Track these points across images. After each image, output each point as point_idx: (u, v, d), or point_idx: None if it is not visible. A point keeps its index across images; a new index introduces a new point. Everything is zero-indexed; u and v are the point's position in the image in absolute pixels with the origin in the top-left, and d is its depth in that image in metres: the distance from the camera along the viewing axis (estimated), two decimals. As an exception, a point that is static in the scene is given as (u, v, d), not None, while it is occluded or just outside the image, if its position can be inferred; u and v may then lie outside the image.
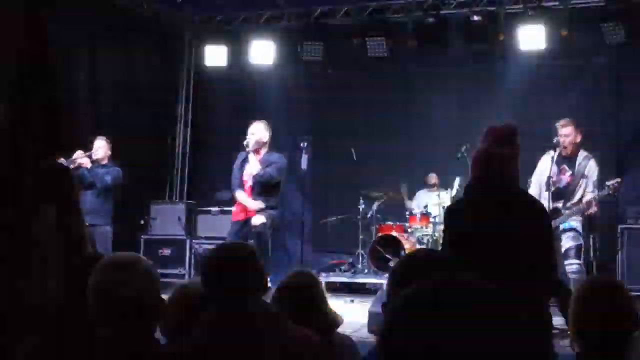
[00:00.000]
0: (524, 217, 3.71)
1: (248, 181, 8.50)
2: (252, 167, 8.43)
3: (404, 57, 11.88)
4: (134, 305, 2.34)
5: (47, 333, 2.98)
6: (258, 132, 8.53)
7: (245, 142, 8.50)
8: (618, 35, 10.35)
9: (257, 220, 8.28)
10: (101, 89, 11.31)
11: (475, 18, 11.20)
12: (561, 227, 7.65)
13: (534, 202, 4.18)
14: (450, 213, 3.83)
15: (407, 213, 10.44)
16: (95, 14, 10.93)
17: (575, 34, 10.87)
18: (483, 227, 3.63)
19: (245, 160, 8.59)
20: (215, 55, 12.48)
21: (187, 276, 10.79)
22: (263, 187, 8.41)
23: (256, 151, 8.53)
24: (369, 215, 10.64)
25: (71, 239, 4.41)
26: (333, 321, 3.62)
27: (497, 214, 3.67)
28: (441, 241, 4.08)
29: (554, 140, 7.75)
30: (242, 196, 8.50)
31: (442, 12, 11.51)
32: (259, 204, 8.36)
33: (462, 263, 3.48)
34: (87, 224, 8.82)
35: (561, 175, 7.76)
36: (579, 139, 7.76)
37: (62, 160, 8.82)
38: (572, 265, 7.58)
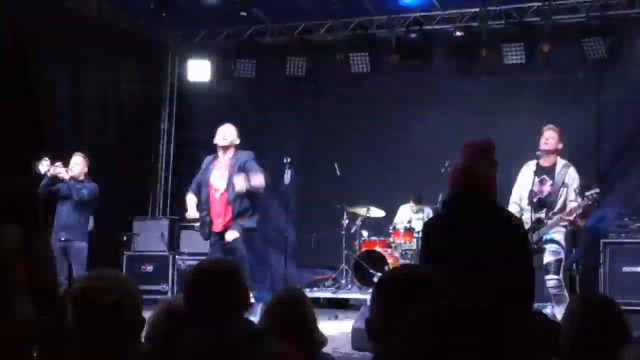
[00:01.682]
0: (501, 233, 3.71)
1: (219, 188, 8.24)
2: (238, 184, 8.17)
3: (387, 72, 11.93)
4: (113, 320, 2.31)
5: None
6: (233, 133, 8.33)
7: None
8: (598, 51, 10.44)
9: (230, 235, 8.14)
10: (84, 103, 11.27)
11: (458, 34, 11.28)
12: (544, 238, 7.67)
13: (511, 218, 4.19)
14: (428, 228, 3.83)
15: (391, 228, 10.45)
16: (79, 28, 10.92)
17: (556, 49, 10.97)
18: (460, 242, 3.63)
19: (211, 164, 8.36)
20: (199, 70, 12.49)
21: (170, 293, 10.72)
22: (244, 200, 8.22)
23: (224, 151, 8.35)
24: (352, 231, 10.64)
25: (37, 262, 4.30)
26: (319, 340, 3.61)
27: (474, 229, 3.67)
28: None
29: (537, 153, 7.80)
30: (191, 200, 8.29)
31: (425, 27, 11.58)
32: (194, 214, 8.23)
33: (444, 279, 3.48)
34: (63, 239, 8.83)
35: (542, 186, 7.79)
36: (560, 147, 7.82)
37: (45, 160, 8.79)
38: (550, 281, 7.60)
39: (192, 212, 8.29)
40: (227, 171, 8.21)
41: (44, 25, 10.45)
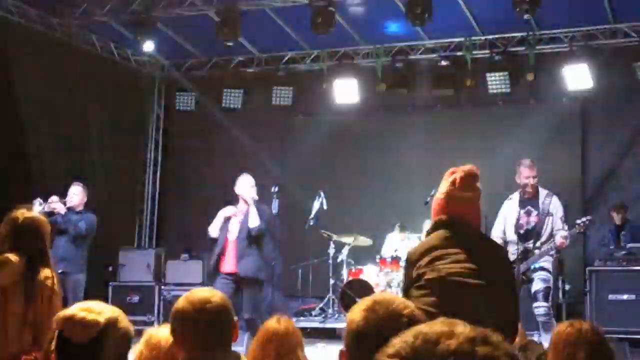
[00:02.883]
0: (487, 259, 3.70)
1: (233, 231, 8.26)
2: (252, 221, 8.18)
3: (372, 101, 11.99)
4: (89, 356, 2.28)
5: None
6: (254, 188, 8.37)
7: (252, 197, 8.28)
8: (582, 80, 10.54)
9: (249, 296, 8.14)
10: (69, 133, 11.25)
11: (443, 63, 11.36)
12: (532, 267, 7.68)
13: (496, 245, 4.19)
14: (412, 257, 3.81)
15: (378, 257, 10.44)
16: (64, 57, 10.93)
17: (540, 78, 11.06)
18: (445, 268, 3.62)
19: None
20: (185, 100, 12.50)
21: (156, 323, 10.64)
22: (254, 239, 8.23)
23: (245, 203, 8.36)
24: (339, 260, 10.61)
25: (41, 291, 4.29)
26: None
27: (459, 254, 3.67)
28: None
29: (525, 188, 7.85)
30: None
31: (410, 57, 11.67)
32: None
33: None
34: (60, 271, 8.73)
35: (528, 218, 7.81)
36: (537, 179, 7.90)
37: (37, 202, 8.71)
38: (539, 308, 7.59)
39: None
40: (242, 216, 8.27)
41: (29, 54, 10.46)
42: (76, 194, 9.03)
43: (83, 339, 2.26)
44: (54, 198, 8.83)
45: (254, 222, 8.15)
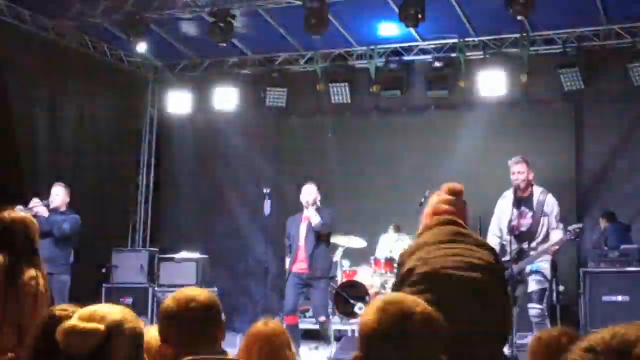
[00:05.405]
0: (478, 258, 3.70)
1: (301, 236, 8.91)
2: (313, 220, 8.82)
3: (366, 103, 11.99)
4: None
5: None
6: (313, 193, 8.95)
7: (307, 201, 8.88)
8: (576, 82, 10.55)
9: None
10: (62, 134, 11.22)
11: (437, 64, 11.36)
12: (528, 269, 7.64)
13: (487, 247, 4.19)
14: (404, 254, 3.83)
15: (372, 258, 10.42)
16: (57, 58, 10.90)
17: (533, 80, 11.06)
18: (438, 264, 3.63)
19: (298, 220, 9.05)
20: (179, 101, 12.48)
21: (149, 325, 10.59)
22: (320, 238, 8.87)
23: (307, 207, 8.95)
24: (333, 261, 10.57)
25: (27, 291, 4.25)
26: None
27: (448, 252, 3.68)
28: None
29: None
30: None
31: (404, 58, 11.66)
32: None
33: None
34: (45, 272, 8.70)
35: (522, 219, 7.75)
36: (531, 176, 7.81)
37: (19, 208, 8.66)
38: (532, 310, 7.57)
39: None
40: (307, 220, 8.91)
41: (22, 55, 10.42)
42: (58, 195, 9.01)
43: (83, 350, 2.13)
44: (35, 201, 8.78)
45: (315, 220, 8.73)
